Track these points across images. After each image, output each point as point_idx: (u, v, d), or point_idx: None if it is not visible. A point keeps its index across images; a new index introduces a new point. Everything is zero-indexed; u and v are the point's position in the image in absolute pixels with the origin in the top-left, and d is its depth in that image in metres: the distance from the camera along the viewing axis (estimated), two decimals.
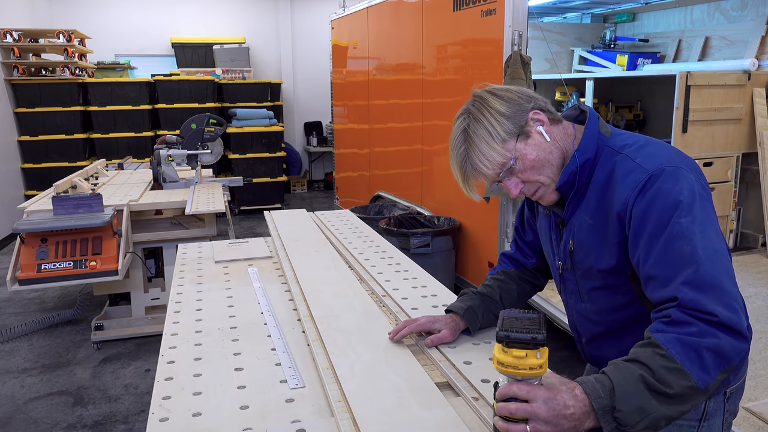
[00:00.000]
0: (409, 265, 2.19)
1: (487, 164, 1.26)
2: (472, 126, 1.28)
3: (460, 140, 1.29)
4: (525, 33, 3.49)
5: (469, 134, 1.28)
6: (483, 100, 1.29)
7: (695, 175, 1.24)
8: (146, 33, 8.79)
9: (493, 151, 1.25)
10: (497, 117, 1.26)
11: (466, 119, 1.30)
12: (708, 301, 1.08)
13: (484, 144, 1.26)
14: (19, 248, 3.33)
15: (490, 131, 1.25)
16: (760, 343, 3.03)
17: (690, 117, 4.23)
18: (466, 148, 1.28)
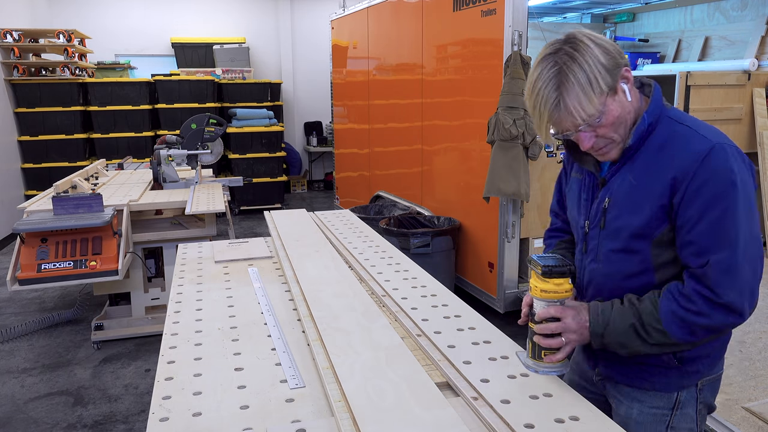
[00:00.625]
0: (408, 265, 2.19)
1: (581, 112, 1.23)
2: (572, 68, 1.21)
3: (553, 80, 1.22)
4: (525, 33, 3.49)
5: (567, 76, 1.21)
6: (584, 46, 1.23)
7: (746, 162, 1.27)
8: (146, 33, 8.79)
9: (589, 102, 1.22)
10: (599, 67, 1.22)
11: (563, 58, 1.22)
12: (724, 283, 1.22)
13: (581, 91, 1.21)
14: (19, 248, 3.33)
15: (591, 80, 1.21)
16: (760, 342, 3.03)
17: None
18: (561, 90, 1.22)
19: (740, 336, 3.10)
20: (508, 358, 1.43)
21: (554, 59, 1.24)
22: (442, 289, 1.94)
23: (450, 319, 1.69)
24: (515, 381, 1.32)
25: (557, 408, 1.21)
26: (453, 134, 4.28)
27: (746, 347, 2.98)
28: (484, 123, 3.68)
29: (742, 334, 3.12)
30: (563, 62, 1.23)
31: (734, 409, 2.46)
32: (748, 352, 2.93)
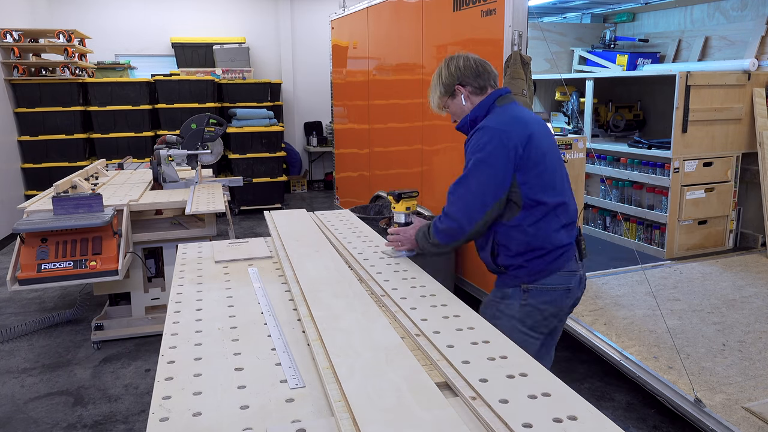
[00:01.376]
0: (407, 265, 2.19)
1: (433, 100, 2.24)
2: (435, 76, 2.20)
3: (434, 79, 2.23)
4: (525, 33, 3.49)
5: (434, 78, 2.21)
6: (450, 60, 2.18)
7: (499, 139, 2.01)
8: (146, 33, 8.79)
9: (435, 96, 2.22)
10: (441, 81, 2.18)
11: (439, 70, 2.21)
12: (447, 209, 2.09)
13: (434, 91, 2.22)
14: (19, 248, 3.33)
15: (436, 87, 2.20)
16: (760, 342, 3.03)
17: (690, 117, 4.24)
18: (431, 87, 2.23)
19: (740, 336, 3.10)
20: (507, 358, 1.44)
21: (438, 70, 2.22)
22: (441, 289, 1.94)
23: (449, 319, 1.69)
24: (514, 381, 1.33)
25: (556, 408, 1.21)
26: (453, 134, 4.27)
27: (746, 347, 2.99)
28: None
29: (742, 334, 3.12)
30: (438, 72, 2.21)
31: (734, 409, 2.46)
32: (748, 352, 2.93)
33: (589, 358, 3.43)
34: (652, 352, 2.94)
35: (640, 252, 4.55)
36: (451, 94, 2.15)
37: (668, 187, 4.31)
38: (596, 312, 3.41)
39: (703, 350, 2.95)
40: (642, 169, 4.59)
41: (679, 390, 2.60)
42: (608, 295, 3.65)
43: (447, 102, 2.18)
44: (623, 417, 2.93)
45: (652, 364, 2.82)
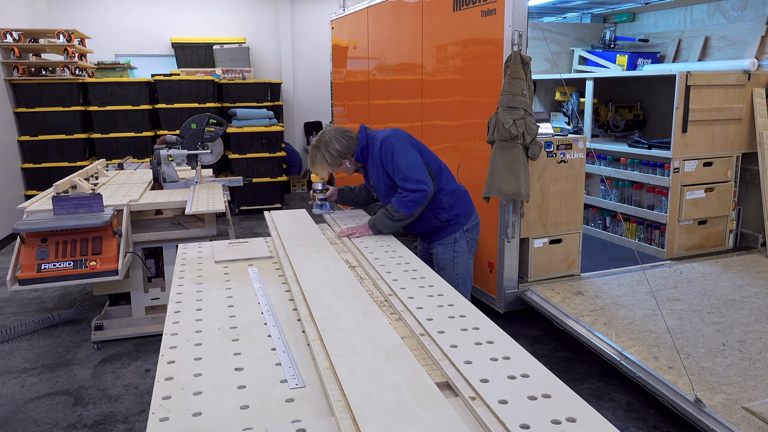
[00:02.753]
0: (417, 265, 2.20)
1: (321, 173, 3.02)
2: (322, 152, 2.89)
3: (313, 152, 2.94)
4: (525, 33, 3.49)
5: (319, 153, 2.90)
6: (327, 144, 2.90)
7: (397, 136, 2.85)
8: (146, 33, 8.79)
9: (324, 171, 2.97)
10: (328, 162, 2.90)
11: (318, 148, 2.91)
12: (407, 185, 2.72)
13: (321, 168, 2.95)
14: (19, 248, 3.33)
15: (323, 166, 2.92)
16: (760, 342, 3.03)
17: (690, 117, 4.24)
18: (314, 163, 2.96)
19: (740, 336, 3.10)
20: (510, 359, 1.44)
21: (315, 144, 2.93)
22: (449, 290, 1.94)
23: (455, 319, 1.69)
24: (515, 381, 1.33)
25: (555, 409, 1.21)
26: (453, 134, 4.28)
27: (746, 347, 2.99)
28: (484, 123, 3.68)
29: (742, 334, 3.12)
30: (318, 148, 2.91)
31: (734, 409, 2.46)
32: (748, 352, 2.93)
33: (589, 358, 3.43)
34: (652, 352, 2.94)
35: (640, 252, 4.55)
36: (338, 165, 2.90)
37: (668, 187, 4.31)
38: (596, 312, 3.41)
39: (703, 350, 2.95)
40: (642, 169, 4.59)
41: (679, 390, 2.60)
42: (608, 295, 3.65)
43: (334, 169, 2.92)
44: (623, 417, 2.93)
45: (652, 364, 2.82)
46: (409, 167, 2.72)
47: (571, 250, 4.00)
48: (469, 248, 3.01)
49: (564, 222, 3.95)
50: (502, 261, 3.78)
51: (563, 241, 3.96)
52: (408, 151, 2.77)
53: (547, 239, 3.91)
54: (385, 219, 2.75)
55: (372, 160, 2.87)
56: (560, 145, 3.85)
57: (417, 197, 2.70)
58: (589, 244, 4.62)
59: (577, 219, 4.00)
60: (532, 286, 3.80)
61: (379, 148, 2.80)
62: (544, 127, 3.94)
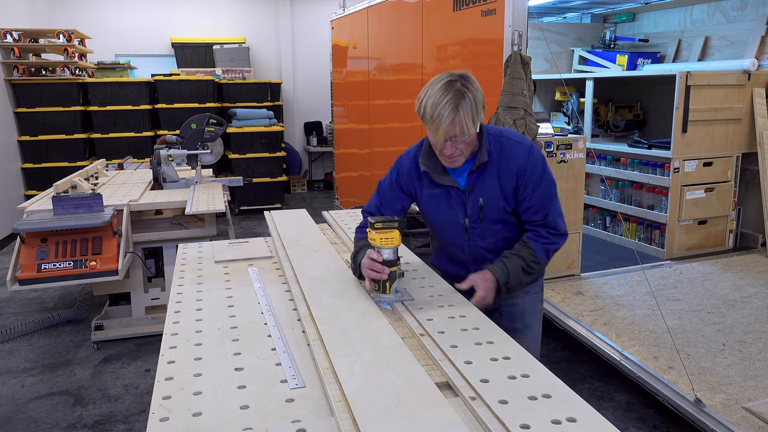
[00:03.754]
0: (417, 266, 2.21)
1: (465, 126, 1.79)
2: (468, 96, 1.78)
3: (453, 97, 1.79)
4: (525, 33, 3.49)
5: (464, 98, 1.78)
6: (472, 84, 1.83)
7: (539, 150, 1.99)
8: (146, 33, 8.79)
9: (471, 123, 1.80)
10: (479, 106, 1.82)
11: (463, 86, 1.80)
12: (558, 222, 1.96)
13: (470, 112, 1.79)
14: (19, 248, 3.33)
15: (476, 109, 1.81)
16: (760, 342, 3.03)
17: (690, 117, 4.23)
18: (457, 106, 1.78)
19: (740, 336, 3.10)
20: (510, 359, 1.44)
21: (457, 84, 1.81)
22: (449, 290, 1.94)
23: (455, 319, 1.69)
24: (515, 381, 1.32)
25: (555, 409, 1.21)
26: None
27: (746, 347, 2.99)
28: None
29: (742, 334, 3.12)
30: (465, 90, 1.80)
31: (734, 409, 2.46)
32: (748, 352, 2.93)
33: (589, 358, 3.43)
34: (652, 352, 2.94)
35: (640, 252, 4.55)
36: (477, 125, 1.86)
37: (668, 187, 4.31)
38: (596, 312, 3.41)
39: (703, 350, 2.95)
40: (642, 169, 4.59)
41: (679, 390, 2.60)
42: (608, 295, 3.65)
43: (473, 130, 1.84)
44: (623, 417, 2.93)
45: (652, 364, 2.82)
46: (555, 197, 1.97)
47: (571, 250, 4.00)
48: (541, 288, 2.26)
49: None
50: None
51: None
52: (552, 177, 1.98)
53: None
54: (522, 275, 1.92)
55: (496, 165, 1.92)
56: (560, 145, 3.85)
57: (558, 245, 1.98)
58: (589, 244, 4.62)
59: (577, 219, 4.00)
60: None
61: (526, 153, 1.91)
62: (544, 127, 3.93)
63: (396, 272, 1.82)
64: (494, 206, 1.95)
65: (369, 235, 1.84)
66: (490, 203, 1.95)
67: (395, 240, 1.81)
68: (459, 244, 2.05)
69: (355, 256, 1.96)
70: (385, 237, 1.80)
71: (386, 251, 1.81)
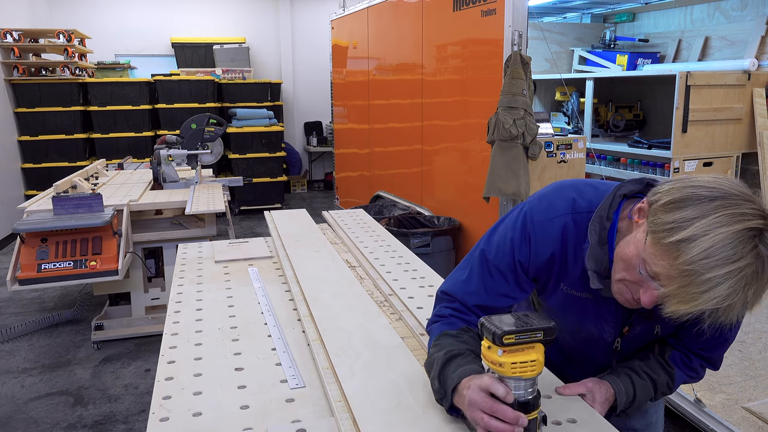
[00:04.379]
0: (417, 265, 2.21)
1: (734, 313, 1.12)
2: None
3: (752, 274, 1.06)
4: (525, 33, 3.49)
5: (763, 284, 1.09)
6: None
7: None
8: (146, 33, 8.79)
9: None
10: None
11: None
12: (720, 357, 1.41)
13: None
14: (19, 248, 3.33)
15: None
16: (759, 342, 3.03)
17: (690, 117, 4.23)
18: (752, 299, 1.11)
19: (740, 336, 3.10)
20: None
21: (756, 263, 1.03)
22: None
23: None
24: None
25: (556, 410, 1.22)
26: (453, 134, 4.27)
27: (746, 347, 2.98)
28: (484, 123, 3.68)
29: (742, 334, 3.12)
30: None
31: (734, 409, 2.46)
32: (748, 352, 2.93)
33: None
34: None
35: None
36: None
37: None
38: None
39: None
40: (642, 169, 4.58)
41: (679, 390, 2.60)
42: None
43: None
44: None
45: None
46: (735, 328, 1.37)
47: None
48: None
49: None
50: None
51: None
52: None
53: None
54: (646, 399, 1.38)
55: None
56: (560, 145, 3.85)
57: None
58: None
59: None
60: None
61: None
62: (544, 127, 3.93)
63: (537, 420, 1.07)
64: (650, 327, 1.37)
65: (488, 354, 1.05)
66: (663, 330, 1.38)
67: (538, 365, 1.04)
68: (590, 357, 1.47)
69: (441, 373, 1.19)
70: (524, 361, 1.03)
71: (521, 384, 1.05)
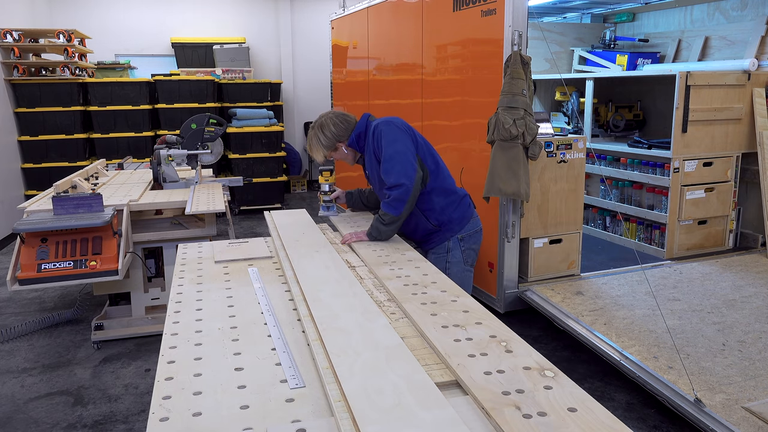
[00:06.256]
0: (420, 263, 2.22)
1: (318, 157, 2.81)
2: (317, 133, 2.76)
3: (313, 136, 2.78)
4: (525, 33, 3.49)
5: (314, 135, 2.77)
6: (322, 126, 2.77)
7: (390, 123, 2.67)
8: (146, 33, 8.79)
9: (320, 155, 2.80)
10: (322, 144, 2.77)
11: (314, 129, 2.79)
12: (388, 178, 2.56)
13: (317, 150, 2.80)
14: (19, 248, 3.33)
15: (319, 148, 2.78)
16: (760, 342, 3.03)
17: (690, 117, 4.24)
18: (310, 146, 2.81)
19: (740, 336, 3.10)
20: (512, 352, 1.44)
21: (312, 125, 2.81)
22: (452, 286, 1.95)
23: (468, 313, 1.70)
24: (507, 355, 1.33)
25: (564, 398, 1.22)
26: (453, 134, 4.28)
27: (746, 347, 2.99)
28: (484, 123, 3.68)
29: (742, 334, 3.12)
30: (314, 131, 2.78)
31: (734, 409, 2.46)
32: (748, 352, 2.93)
33: (589, 358, 3.43)
34: (652, 352, 2.94)
35: (640, 252, 4.55)
36: (333, 149, 2.77)
37: (668, 187, 4.31)
38: (596, 312, 3.41)
39: (703, 350, 2.95)
40: (642, 169, 4.59)
41: (679, 390, 2.60)
42: (608, 295, 3.65)
43: (331, 154, 2.79)
44: (623, 417, 2.93)
45: (652, 364, 2.82)
46: (391, 157, 2.54)
47: (571, 250, 4.00)
48: (464, 259, 2.78)
49: (564, 222, 3.95)
50: (502, 261, 3.78)
51: (563, 241, 3.96)
52: (397, 139, 2.58)
53: (547, 239, 3.91)
54: (378, 225, 2.58)
55: (367, 148, 2.70)
56: (560, 145, 3.86)
57: (399, 194, 2.52)
58: (589, 244, 4.62)
59: (577, 219, 4.00)
60: (532, 286, 3.80)
61: (372, 135, 2.64)
62: (544, 127, 3.94)
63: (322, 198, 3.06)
64: (373, 174, 2.73)
65: None
66: (375, 177, 2.71)
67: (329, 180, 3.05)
68: None
69: None
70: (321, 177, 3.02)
71: (322, 185, 3.04)
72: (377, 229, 2.58)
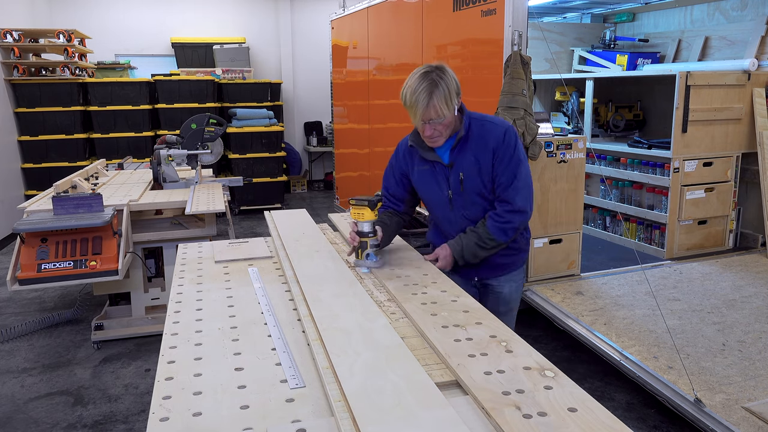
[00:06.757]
0: (420, 263, 2.22)
1: (439, 110, 2.03)
2: (441, 84, 2.01)
3: (428, 85, 2.01)
4: (525, 33, 3.49)
5: (437, 87, 2.01)
6: (446, 74, 2.05)
7: (516, 133, 2.20)
8: (146, 33, 8.79)
9: (446, 106, 2.04)
10: (452, 93, 2.05)
11: (438, 76, 2.03)
12: (515, 198, 2.15)
13: (443, 98, 2.02)
14: (19, 248, 3.33)
15: (449, 95, 2.03)
16: (760, 342, 3.03)
17: (690, 117, 4.24)
18: (431, 93, 2.00)
19: (740, 336, 3.10)
20: (512, 352, 1.44)
21: (429, 77, 2.03)
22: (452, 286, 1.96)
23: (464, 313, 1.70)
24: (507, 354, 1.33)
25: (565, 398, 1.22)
26: None
27: (746, 347, 2.99)
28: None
29: (742, 334, 3.12)
30: (437, 78, 2.03)
31: (734, 409, 2.46)
32: (748, 352, 2.93)
33: (589, 358, 3.43)
34: (652, 352, 2.94)
35: (640, 252, 4.55)
36: (453, 110, 2.08)
37: (668, 187, 4.31)
38: (596, 312, 3.41)
39: (703, 350, 2.95)
40: (642, 169, 4.59)
41: (679, 390, 2.60)
42: (608, 295, 3.65)
43: (449, 114, 2.07)
44: (623, 417, 2.93)
45: (652, 364, 2.82)
46: (525, 177, 2.16)
47: (571, 250, 4.00)
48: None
49: (564, 222, 3.95)
50: None
51: (563, 241, 3.96)
52: (526, 162, 2.19)
53: (547, 239, 3.91)
54: (477, 249, 2.18)
55: (475, 143, 2.15)
56: (560, 145, 3.85)
57: (521, 221, 2.17)
58: (589, 244, 4.61)
59: (577, 219, 4.00)
60: (532, 286, 3.80)
61: (502, 134, 2.13)
62: (544, 127, 3.93)
63: (368, 242, 2.17)
64: (473, 180, 2.18)
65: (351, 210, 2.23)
66: (469, 177, 2.18)
67: (365, 216, 2.17)
68: (446, 216, 2.30)
69: None
70: (357, 212, 2.19)
71: (360, 224, 2.18)
72: (474, 255, 2.20)
